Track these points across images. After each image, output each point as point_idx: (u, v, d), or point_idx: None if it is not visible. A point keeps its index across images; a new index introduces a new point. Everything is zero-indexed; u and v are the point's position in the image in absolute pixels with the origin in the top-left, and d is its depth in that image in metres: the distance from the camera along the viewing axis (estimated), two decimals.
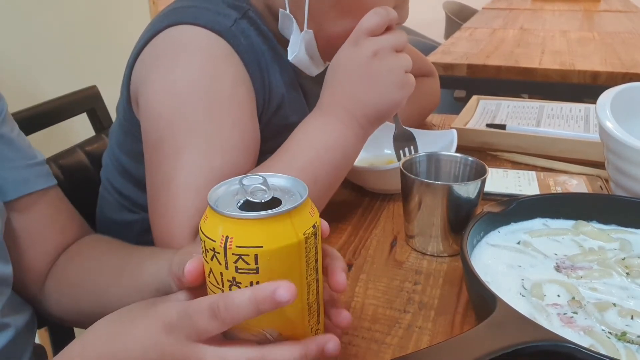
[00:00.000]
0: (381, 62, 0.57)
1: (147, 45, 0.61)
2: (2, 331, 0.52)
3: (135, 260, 0.53)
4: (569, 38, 1.81)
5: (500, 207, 0.57)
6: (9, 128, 0.58)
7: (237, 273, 0.34)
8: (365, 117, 0.58)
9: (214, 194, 0.36)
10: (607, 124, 0.61)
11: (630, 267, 0.51)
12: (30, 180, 0.58)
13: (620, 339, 0.42)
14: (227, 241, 0.33)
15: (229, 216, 0.33)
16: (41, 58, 1.46)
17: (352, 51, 0.58)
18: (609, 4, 2.83)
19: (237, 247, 0.33)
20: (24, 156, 0.58)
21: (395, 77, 0.58)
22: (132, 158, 0.70)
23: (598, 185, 0.73)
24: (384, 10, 0.57)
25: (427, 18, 2.69)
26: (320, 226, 0.37)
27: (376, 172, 0.72)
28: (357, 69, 0.57)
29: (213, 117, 0.57)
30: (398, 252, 0.61)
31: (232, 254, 0.33)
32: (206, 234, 0.34)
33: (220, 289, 0.35)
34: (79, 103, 0.88)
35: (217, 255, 0.34)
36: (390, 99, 0.58)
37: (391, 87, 0.57)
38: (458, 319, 0.50)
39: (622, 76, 1.33)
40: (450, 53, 1.60)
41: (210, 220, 0.35)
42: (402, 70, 0.58)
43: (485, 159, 0.74)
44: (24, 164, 0.58)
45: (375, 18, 0.57)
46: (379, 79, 0.57)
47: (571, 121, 0.97)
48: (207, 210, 0.35)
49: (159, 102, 0.58)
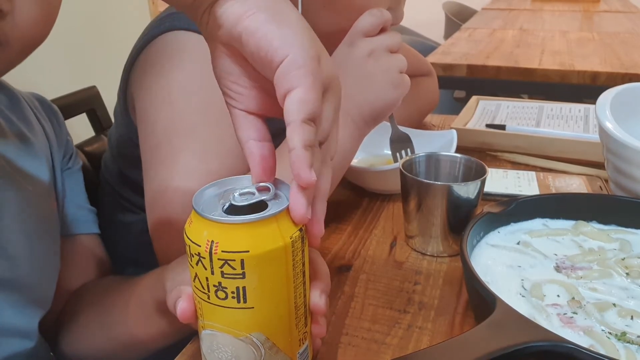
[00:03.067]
0: (376, 62, 0.57)
1: (143, 51, 0.62)
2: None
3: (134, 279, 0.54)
4: (568, 38, 1.81)
5: (500, 207, 0.57)
6: (78, 166, 0.63)
7: (223, 278, 0.33)
8: (361, 116, 0.58)
9: (198, 197, 0.36)
10: (606, 125, 0.61)
11: (630, 268, 0.51)
12: (89, 222, 0.62)
13: (620, 339, 0.42)
14: (212, 246, 0.32)
15: (214, 220, 0.33)
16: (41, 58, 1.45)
17: (347, 52, 0.58)
18: (608, 4, 2.83)
19: (223, 252, 0.32)
20: (86, 199, 0.63)
21: (390, 77, 0.58)
22: (129, 162, 0.70)
23: (598, 185, 0.73)
24: (378, 11, 0.58)
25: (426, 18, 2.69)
26: (307, 229, 0.36)
27: (376, 173, 0.72)
28: (352, 69, 0.58)
29: (209, 121, 0.57)
30: (398, 252, 0.61)
31: (217, 259, 0.33)
32: (191, 239, 0.34)
33: (206, 294, 0.34)
34: (78, 103, 0.88)
35: (203, 260, 0.33)
36: (386, 99, 0.58)
37: (386, 86, 0.58)
38: (458, 319, 0.50)
39: (621, 76, 1.33)
40: (450, 53, 1.60)
41: (195, 224, 0.34)
42: (397, 70, 0.58)
43: (485, 159, 0.74)
44: (86, 206, 0.62)
45: (370, 19, 0.57)
46: (374, 78, 0.58)
47: (571, 121, 0.97)
48: (191, 214, 0.35)
49: (156, 108, 0.58)
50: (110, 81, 0.88)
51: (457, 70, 1.48)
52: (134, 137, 0.62)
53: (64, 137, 0.62)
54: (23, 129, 0.53)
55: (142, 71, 0.61)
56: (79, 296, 0.59)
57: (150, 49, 0.61)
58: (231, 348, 0.36)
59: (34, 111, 0.57)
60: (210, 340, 0.36)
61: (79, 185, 0.62)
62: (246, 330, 0.35)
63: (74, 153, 0.63)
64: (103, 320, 0.56)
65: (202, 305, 0.35)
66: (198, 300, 0.36)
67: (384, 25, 0.58)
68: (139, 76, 0.62)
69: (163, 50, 0.60)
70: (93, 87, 0.91)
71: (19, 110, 0.55)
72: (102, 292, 0.59)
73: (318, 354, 0.45)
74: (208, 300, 0.35)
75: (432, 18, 2.87)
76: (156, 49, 0.61)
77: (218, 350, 0.36)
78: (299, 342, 0.38)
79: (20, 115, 0.54)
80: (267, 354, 0.36)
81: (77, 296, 0.59)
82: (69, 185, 0.60)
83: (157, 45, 0.61)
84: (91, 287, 0.60)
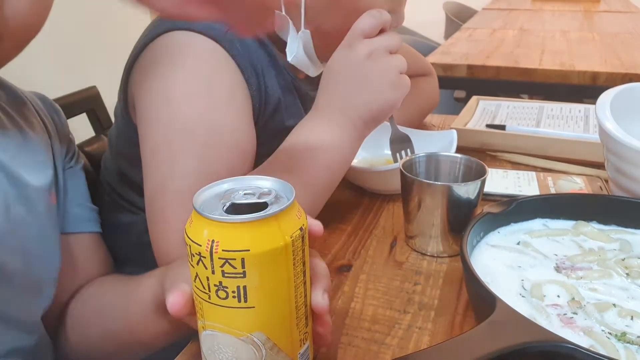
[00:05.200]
0: (375, 64, 0.57)
1: (143, 51, 0.62)
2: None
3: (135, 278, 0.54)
4: (568, 38, 1.81)
5: (500, 207, 0.57)
6: (80, 165, 0.63)
7: (223, 277, 0.33)
8: (360, 118, 0.58)
9: (199, 197, 0.36)
10: (606, 125, 0.61)
11: (630, 268, 0.51)
12: (91, 220, 0.62)
13: (620, 340, 0.42)
14: (213, 245, 0.33)
15: (215, 220, 0.33)
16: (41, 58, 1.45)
17: (347, 53, 0.58)
18: (608, 4, 2.83)
19: (224, 251, 0.32)
20: (88, 198, 0.62)
21: (389, 78, 0.58)
22: (129, 162, 0.70)
23: (598, 185, 0.73)
24: (377, 12, 0.57)
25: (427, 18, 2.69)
26: (307, 229, 0.36)
27: (376, 173, 0.72)
28: (351, 71, 0.58)
29: (210, 122, 0.57)
30: (398, 252, 0.61)
31: (218, 258, 0.33)
32: (192, 238, 0.34)
33: (206, 294, 0.35)
34: (78, 103, 0.88)
35: (203, 260, 0.33)
36: (385, 100, 0.58)
37: (385, 88, 0.58)
38: (458, 319, 0.50)
39: (621, 77, 1.33)
40: (450, 53, 1.60)
41: (195, 224, 0.34)
42: (397, 71, 0.58)
43: (485, 160, 0.74)
44: (87, 205, 0.62)
45: (369, 20, 0.57)
46: (373, 80, 0.57)
47: (571, 122, 0.97)
48: (192, 214, 0.35)
49: (157, 108, 0.58)
50: (110, 81, 0.88)
51: (457, 70, 1.48)
52: (134, 136, 0.62)
53: (67, 136, 0.62)
54: (23, 125, 0.53)
55: (143, 71, 0.61)
56: (81, 295, 0.59)
57: (151, 49, 0.61)
58: (232, 348, 0.36)
59: (36, 109, 0.57)
60: (210, 341, 0.36)
61: (81, 184, 0.62)
62: (247, 330, 0.35)
63: (76, 152, 0.63)
64: (104, 319, 0.56)
65: (203, 306, 0.35)
66: (199, 301, 0.36)
67: (383, 26, 0.58)
68: (139, 76, 0.62)
69: (164, 50, 0.60)
70: (93, 87, 0.91)
71: (19, 107, 0.55)
72: (103, 292, 0.59)
73: (318, 354, 0.45)
74: (209, 300, 0.35)
75: (432, 18, 2.87)
76: (157, 49, 0.61)
77: (219, 351, 0.36)
78: (300, 342, 0.38)
79: (20, 112, 0.54)
80: (268, 354, 0.36)
81: (79, 295, 0.59)
82: (70, 184, 0.60)
83: (158, 45, 0.61)
84: (93, 286, 0.60)
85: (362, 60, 0.57)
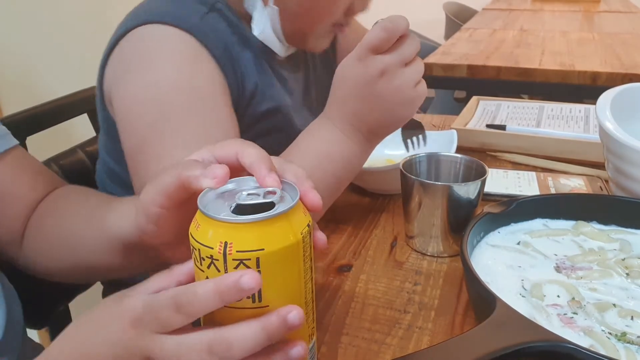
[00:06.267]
0: (388, 83, 0.54)
1: (117, 45, 0.61)
2: None
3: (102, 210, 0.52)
4: (568, 39, 1.81)
5: (500, 207, 0.57)
6: None
7: None
8: (370, 132, 0.57)
9: (202, 199, 0.35)
10: (607, 125, 0.61)
11: (630, 268, 0.51)
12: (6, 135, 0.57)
13: (620, 340, 0.42)
14: (226, 247, 0.32)
15: (226, 221, 0.32)
16: (43, 58, 1.46)
17: (358, 68, 0.54)
18: (608, 4, 2.83)
19: (238, 252, 0.32)
20: None
21: (402, 97, 0.55)
22: (114, 159, 0.70)
23: (598, 185, 0.73)
24: (390, 23, 0.52)
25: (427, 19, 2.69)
26: (312, 225, 0.36)
27: (376, 173, 0.72)
28: (362, 89, 0.55)
29: (196, 115, 0.57)
30: (398, 252, 0.61)
31: (232, 260, 0.32)
32: (200, 242, 0.33)
33: None
34: (79, 104, 0.88)
35: (216, 263, 0.33)
36: (398, 117, 0.56)
37: (397, 107, 0.55)
38: (458, 319, 0.50)
39: (622, 77, 1.33)
40: (450, 54, 1.60)
41: (203, 226, 0.33)
42: (411, 85, 0.55)
43: (485, 160, 0.74)
44: None
45: (381, 34, 0.52)
46: (385, 99, 0.55)
47: (571, 122, 0.97)
48: (197, 217, 0.34)
49: (139, 105, 0.58)
50: None
51: (458, 70, 1.48)
52: (114, 130, 0.62)
53: None
54: None
55: (118, 66, 0.61)
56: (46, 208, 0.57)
57: (125, 44, 0.61)
58: None
59: None
60: None
61: None
62: None
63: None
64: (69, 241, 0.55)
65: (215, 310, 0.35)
66: None
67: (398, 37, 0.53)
68: (115, 72, 0.61)
69: (138, 45, 0.60)
70: (93, 87, 0.91)
71: None
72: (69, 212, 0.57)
73: (318, 354, 0.45)
74: None
75: (432, 18, 2.87)
76: (131, 43, 0.60)
77: None
78: (309, 337, 0.38)
79: None
80: None
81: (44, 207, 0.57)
82: None
83: (131, 40, 0.60)
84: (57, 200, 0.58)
85: (375, 78, 0.54)
